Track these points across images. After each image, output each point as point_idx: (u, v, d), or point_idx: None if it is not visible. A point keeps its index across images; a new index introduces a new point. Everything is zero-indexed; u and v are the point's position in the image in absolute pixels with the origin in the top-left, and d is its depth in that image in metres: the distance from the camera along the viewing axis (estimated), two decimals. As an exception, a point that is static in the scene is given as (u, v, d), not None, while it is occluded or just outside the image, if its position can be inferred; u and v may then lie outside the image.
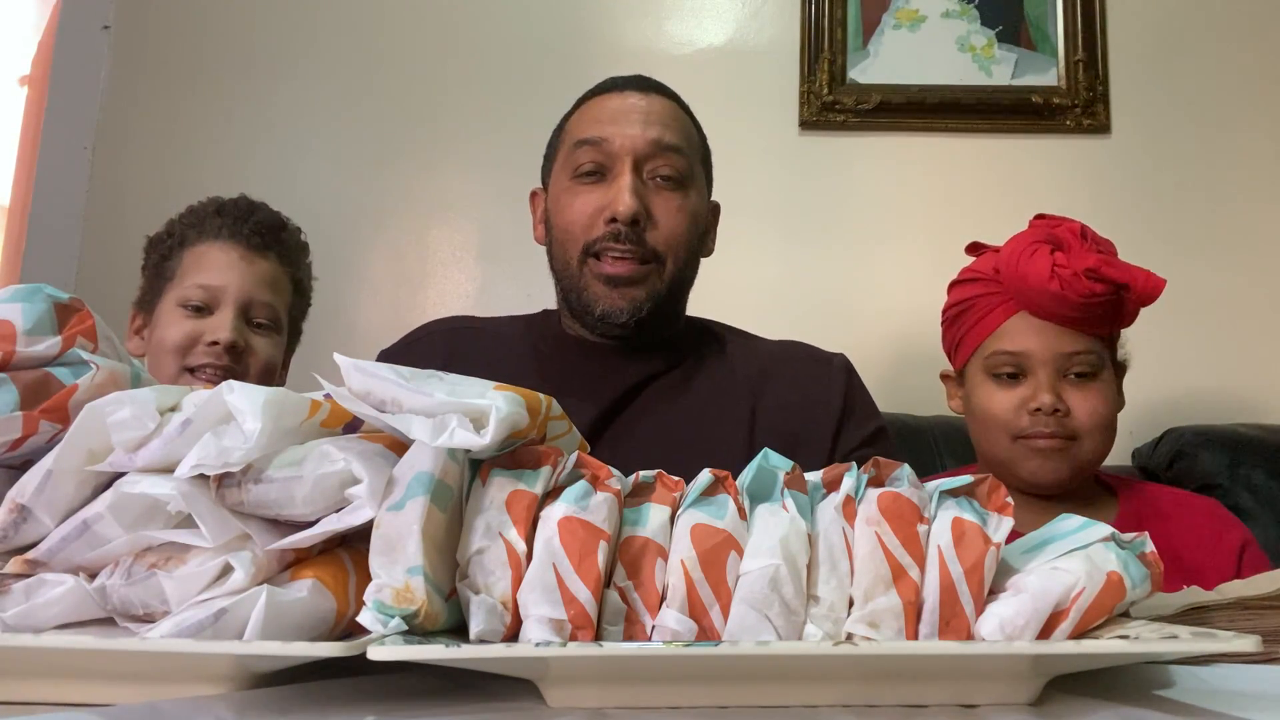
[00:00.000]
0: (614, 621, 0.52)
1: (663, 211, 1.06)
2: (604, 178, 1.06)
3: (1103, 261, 1.11)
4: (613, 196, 1.04)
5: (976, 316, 1.18)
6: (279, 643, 0.47)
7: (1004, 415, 1.14)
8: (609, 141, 1.05)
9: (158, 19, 1.89)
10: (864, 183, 1.81)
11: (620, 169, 1.05)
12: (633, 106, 1.08)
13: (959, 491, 0.55)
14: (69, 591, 0.52)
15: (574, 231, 1.06)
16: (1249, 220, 1.77)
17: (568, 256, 1.08)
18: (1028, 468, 1.14)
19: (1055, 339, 1.12)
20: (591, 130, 1.07)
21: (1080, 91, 1.78)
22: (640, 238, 1.04)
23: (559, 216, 1.09)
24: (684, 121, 1.11)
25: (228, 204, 1.23)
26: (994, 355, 1.15)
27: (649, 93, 1.10)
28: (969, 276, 1.21)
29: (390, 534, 0.50)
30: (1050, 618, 0.51)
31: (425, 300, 1.82)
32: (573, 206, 1.06)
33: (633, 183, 1.04)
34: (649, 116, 1.07)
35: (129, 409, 0.52)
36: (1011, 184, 1.79)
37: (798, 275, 1.79)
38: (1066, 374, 1.13)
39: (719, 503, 0.54)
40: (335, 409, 0.56)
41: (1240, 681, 0.54)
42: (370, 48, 1.88)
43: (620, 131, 1.06)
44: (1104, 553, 0.54)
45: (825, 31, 1.81)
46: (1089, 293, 1.09)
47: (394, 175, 1.84)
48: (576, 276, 1.07)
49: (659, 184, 1.06)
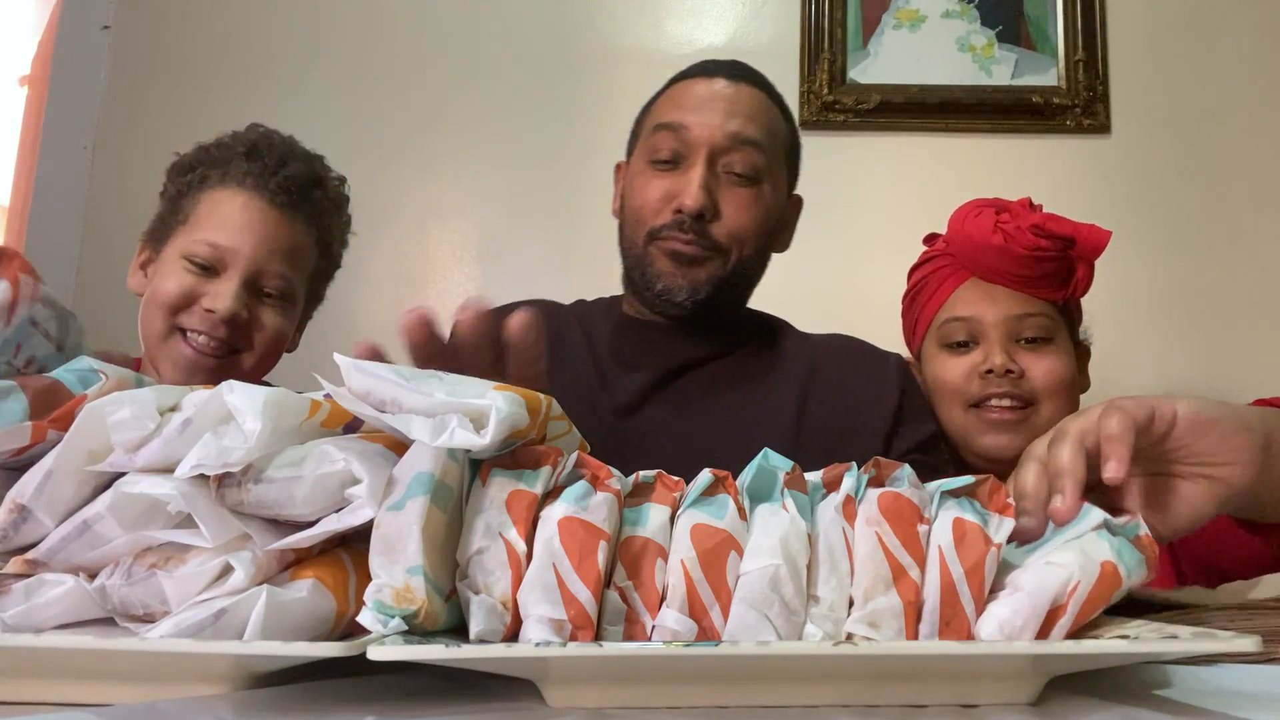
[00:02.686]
0: (614, 621, 0.52)
1: (731, 207, 1.05)
2: (678, 165, 1.06)
3: (1048, 217, 1.11)
4: (683, 187, 1.03)
5: (929, 292, 1.18)
6: (279, 643, 0.47)
7: (956, 382, 1.12)
8: (687, 129, 1.05)
9: (158, 19, 1.89)
10: (864, 183, 1.81)
11: (695, 159, 1.04)
12: (718, 94, 1.06)
13: (960, 492, 0.55)
14: (69, 591, 0.52)
15: (643, 215, 1.07)
16: (1249, 220, 1.77)
17: (635, 237, 1.08)
18: (983, 442, 1.12)
19: (1005, 302, 1.12)
20: (673, 115, 1.07)
21: (1080, 91, 1.78)
22: (704, 230, 1.04)
23: (632, 198, 1.09)
24: (770, 114, 1.09)
25: (261, 143, 1.08)
26: (946, 324, 1.15)
27: (739, 81, 1.08)
28: (922, 259, 1.22)
29: (390, 534, 0.50)
30: (1048, 614, 0.51)
31: (425, 300, 1.81)
32: (645, 190, 1.07)
33: (704, 176, 1.03)
34: (733, 107, 1.05)
35: (129, 409, 0.52)
36: (1011, 184, 1.78)
37: (797, 275, 1.78)
38: (1019, 338, 1.12)
39: (719, 503, 0.54)
40: (335, 409, 0.56)
41: (1240, 681, 0.54)
42: (370, 48, 1.88)
43: (700, 120, 1.05)
44: (1097, 542, 0.54)
45: (825, 31, 1.81)
46: (1034, 246, 1.08)
47: (394, 175, 1.84)
48: (641, 254, 1.07)
49: (732, 179, 1.05)
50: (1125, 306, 1.64)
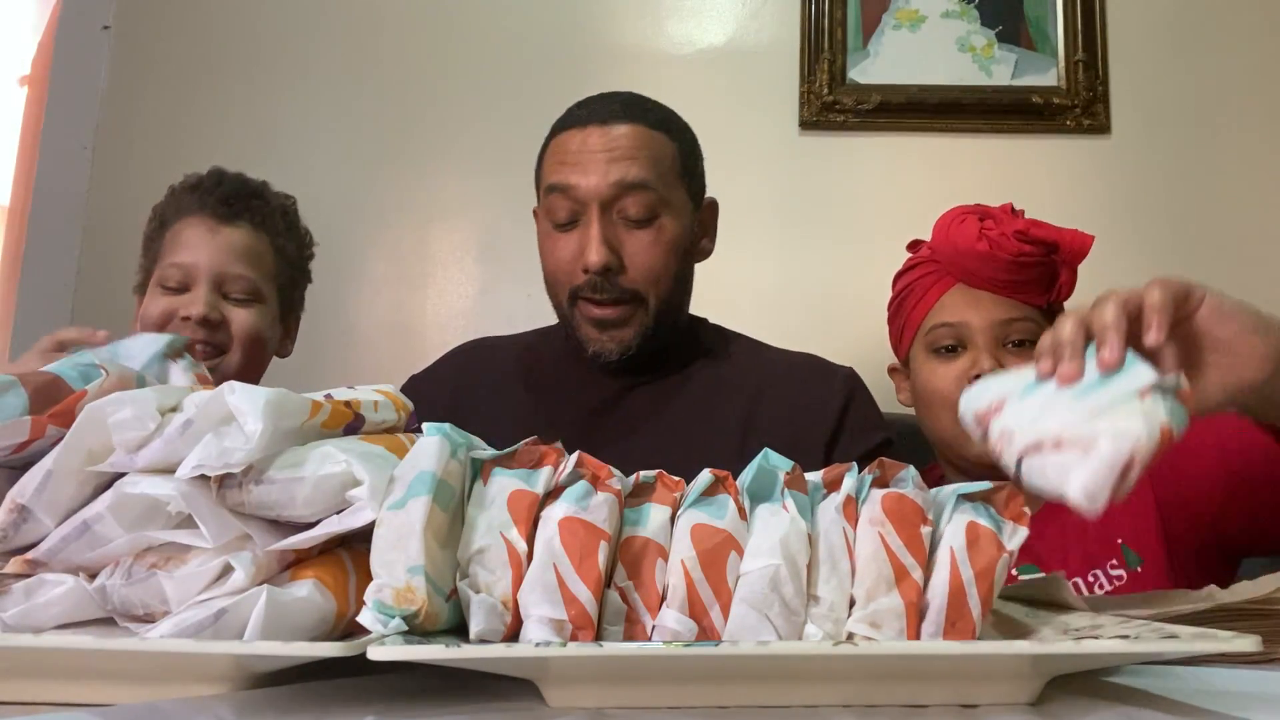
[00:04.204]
0: (614, 621, 0.52)
1: (634, 251, 1.06)
2: (576, 224, 1.08)
3: (1031, 224, 1.13)
4: (584, 247, 1.06)
5: (915, 298, 1.19)
6: (279, 643, 0.47)
7: (946, 388, 1.13)
8: (575, 189, 1.06)
9: (158, 19, 1.89)
10: (864, 183, 1.81)
11: (589, 216, 1.06)
12: (593, 147, 1.07)
13: (976, 496, 0.55)
14: (69, 591, 0.52)
15: (559, 278, 1.10)
16: (1249, 220, 1.77)
17: (558, 298, 1.12)
18: (974, 449, 1.10)
19: (991, 307, 1.13)
20: (558, 175, 1.08)
21: (1080, 91, 1.78)
22: (615, 283, 1.06)
23: (545, 259, 1.12)
24: (650, 144, 1.08)
25: (201, 178, 1.23)
26: (933, 330, 1.16)
27: (609, 123, 1.08)
28: (907, 266, 1.22)
29: (392, 533, 0.50)
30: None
31: (425, 300, 1.82)
32: (554, 254, 1.10)
33: (600, 232, 1.05)
34: (611, 154, 1.06)
35: (130, 409, 0.52)
36: (1011, 184, 1.79)
37: (797, 275, 1.79)
38: (1005, 343, 1.13)
39: (719, 503, 0.54)
40: (336, 410, 0.57)
41: (1240, 681, 0.54)
42: (370, 48, 1.88)
43: (583, 179, 1.06)
44: (1154, 406, 0.60)
45: (825, 31, 1.81)
46: (1018, 252, 1.11)
47: (394, 175, 1.84)
48: (569, 316, 1.10)
49: (628, 224, 1.07)
50: (1125, 306, 1.65)
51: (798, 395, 1.11)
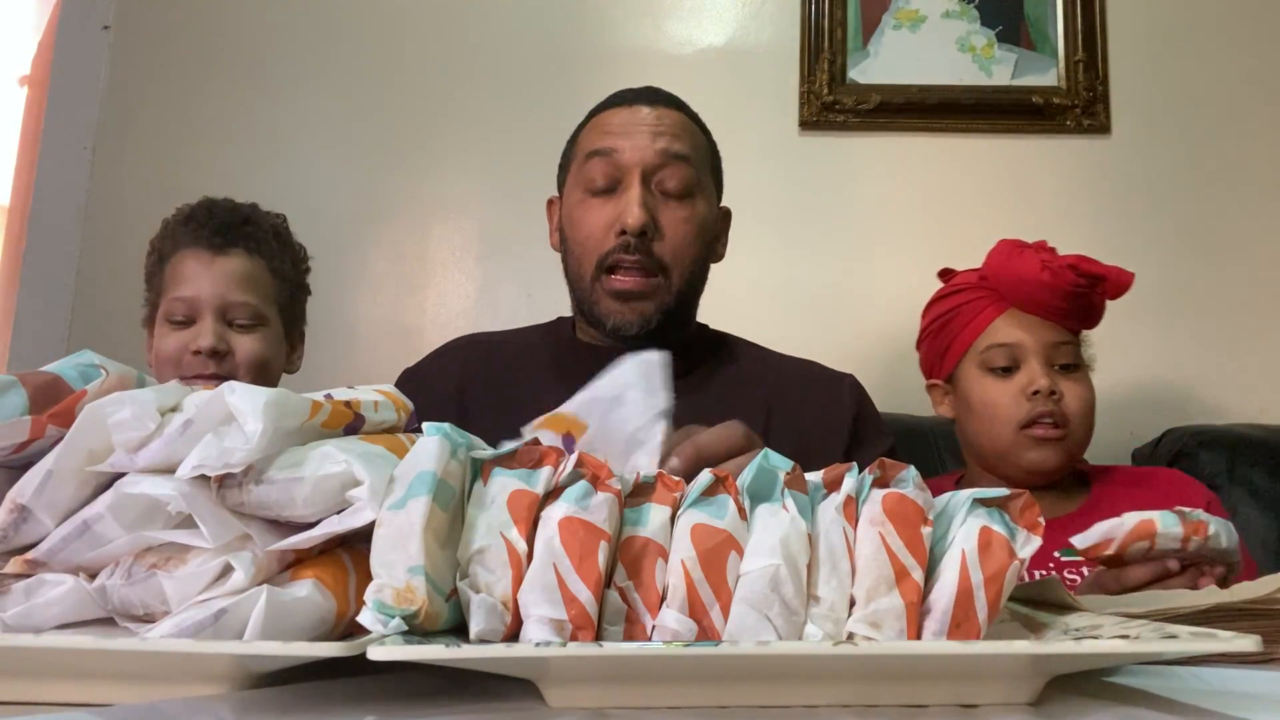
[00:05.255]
0: (614, 621, 0.52)
1: (669, 223, 1.09)
2: (614, 190, 1.09)
3: (1081, 259, 1.25)
4: (623, 209, 1.07)
5: (965, 320, 1.29)
6: (279, 643, 0.47)
7: (1006, 403, 1.24)
8: (619, 153, 1.08)
9: (158, 19, 1.89)
10: (864, 183, 1.81)
11: (630, 181, 1.08)
12: (642, 119, 1.10)
13: (991, 502, 0.55)
14: (69, 591, 0.52)
15: (589, 245, 1.10)
16: (1248, 220, 1.78)
17: (582, 270, 1.11)
18: (1029, 458, 1.24)
19: (1042, 331, 1.25)
20: (602, 142, 1.10)
21: (1080, 91, 1.78)
22: (649, 249, 1.07)
23: (574, 230, 1.12)
24: (693, 131, 1.14)
25: (193, 210, 1.26)
26: (989, 350, 1.26)
27: (658, 105, 1.13)
28: (951, 290, 1.32)
29: (392, 533, 0.50)
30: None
31: (425, 300, 1.82)
32: (586, 220, 1.10)
33: (641, 195, 1.07)
34: (658, 128, 1.10)
35: (130, 409, 0.52)
36: (1011, 184, 1.79)
37: (797, 275, 1.79)
38: (1054, 364, 1.25)
39: (719, 503, 0.54)
40: (336, 410, 0.56)
41: (1240, 681, 0.54)
42: (370, 48, 1.88)
43: (629, 144, 1.08)
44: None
45: (825, 31, 1.81)
46: (1074, 283, 1.22)
47: (394, 176, 1.84)
48: (589, 291, 1.10)
49: (667, 196, 1.09)
50: (1125, 306, 1.64)
51: (810, 405, 1.13)
